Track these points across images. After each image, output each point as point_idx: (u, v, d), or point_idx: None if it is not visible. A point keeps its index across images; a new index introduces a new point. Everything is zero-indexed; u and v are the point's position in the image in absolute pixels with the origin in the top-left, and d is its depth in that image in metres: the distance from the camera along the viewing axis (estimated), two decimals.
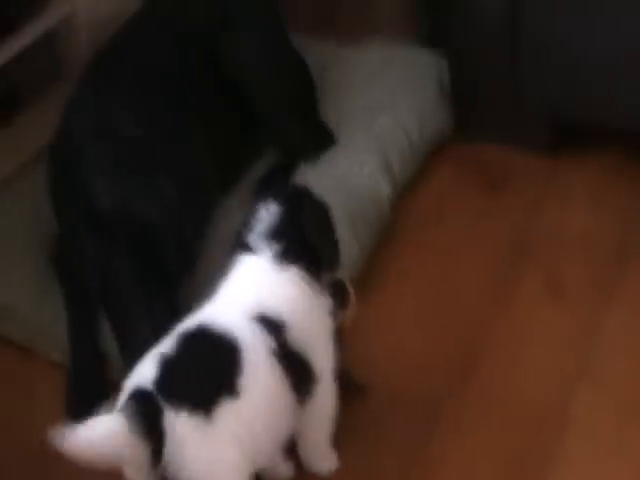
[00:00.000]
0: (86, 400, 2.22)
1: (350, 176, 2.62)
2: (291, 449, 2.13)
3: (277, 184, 2.63)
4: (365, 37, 3.04)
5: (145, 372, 1.93)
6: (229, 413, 1.92)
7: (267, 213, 2.09)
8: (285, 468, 2.16)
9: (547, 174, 2.78)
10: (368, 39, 3.02)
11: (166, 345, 1.96)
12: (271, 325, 2.00)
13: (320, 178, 2.57)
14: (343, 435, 2.15)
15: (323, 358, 2.08)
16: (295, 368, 2.02)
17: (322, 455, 2.16)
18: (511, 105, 2.80)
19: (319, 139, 2.71)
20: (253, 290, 2.07)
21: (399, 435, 2.21)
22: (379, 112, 2.78)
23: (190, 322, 2.03)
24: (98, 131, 2.40)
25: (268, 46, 2.68)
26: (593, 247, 2.58)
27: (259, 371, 1.96)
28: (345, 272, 2.24)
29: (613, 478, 2.12)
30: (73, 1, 2.76)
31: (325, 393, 2.09)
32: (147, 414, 1.86)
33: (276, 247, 2.07)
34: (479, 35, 2.75)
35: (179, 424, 1.88)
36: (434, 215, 2.72)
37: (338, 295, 2.20)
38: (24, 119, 2.83)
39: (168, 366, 1.93)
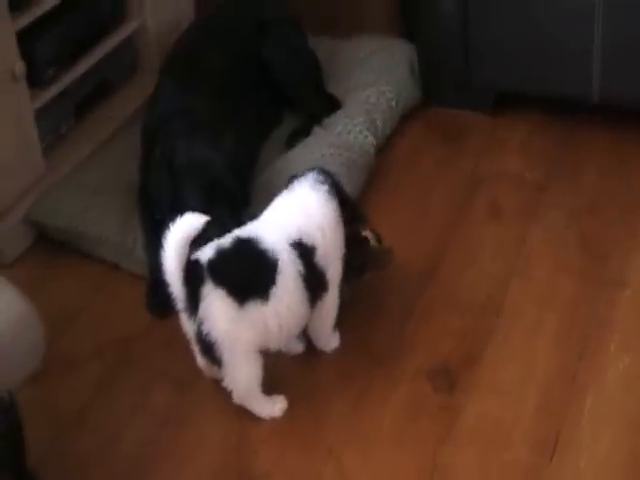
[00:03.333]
0: (161, 301, 2.35)
1: (347, 133, 2.92)
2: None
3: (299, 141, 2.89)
4: (357, 34, 3.33)
5: (205, 252, 2.12)
6: (255, 310, 2.11)
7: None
8: (297, 345, 2.38)
9: (490, 130, 3.08)
10: (359, 36, 3.33)
11: (226, 240, 2.15)
12: (304, 250, 2.17)
13: (326, 135, 2.91)
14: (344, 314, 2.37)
15: (335, 273, 2.28)
16: (316, 284, 2.21)
17: (327, 338, 2.37)
18: (464, 81, 3.08)
19: (329, 106, 3.02)
20: (298, 217, 2.21)
21: (384, 320, 2.46)
22: (367, 86, 3.06)
23: (248, 230, 2.18)
24: (180, 111, 2.69)
25: (292, 46, 3.01)
26: (522, 182, 2.87)
27: (288, 288, 2.14)
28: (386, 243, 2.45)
29: (535, 347, 2.39)
30: (143, 15, 3.11)
31: (332, 297, 2.30)
32: (193, 278, 2.08)
33: (325, 186, 2.25)
34: (440, 32, 3.04)
35: (215, 295, 2.07)
36: (408, 160, 3.00)
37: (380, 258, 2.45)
38: (114, 98, 3.11)
39: (222, 254, 2.11)
